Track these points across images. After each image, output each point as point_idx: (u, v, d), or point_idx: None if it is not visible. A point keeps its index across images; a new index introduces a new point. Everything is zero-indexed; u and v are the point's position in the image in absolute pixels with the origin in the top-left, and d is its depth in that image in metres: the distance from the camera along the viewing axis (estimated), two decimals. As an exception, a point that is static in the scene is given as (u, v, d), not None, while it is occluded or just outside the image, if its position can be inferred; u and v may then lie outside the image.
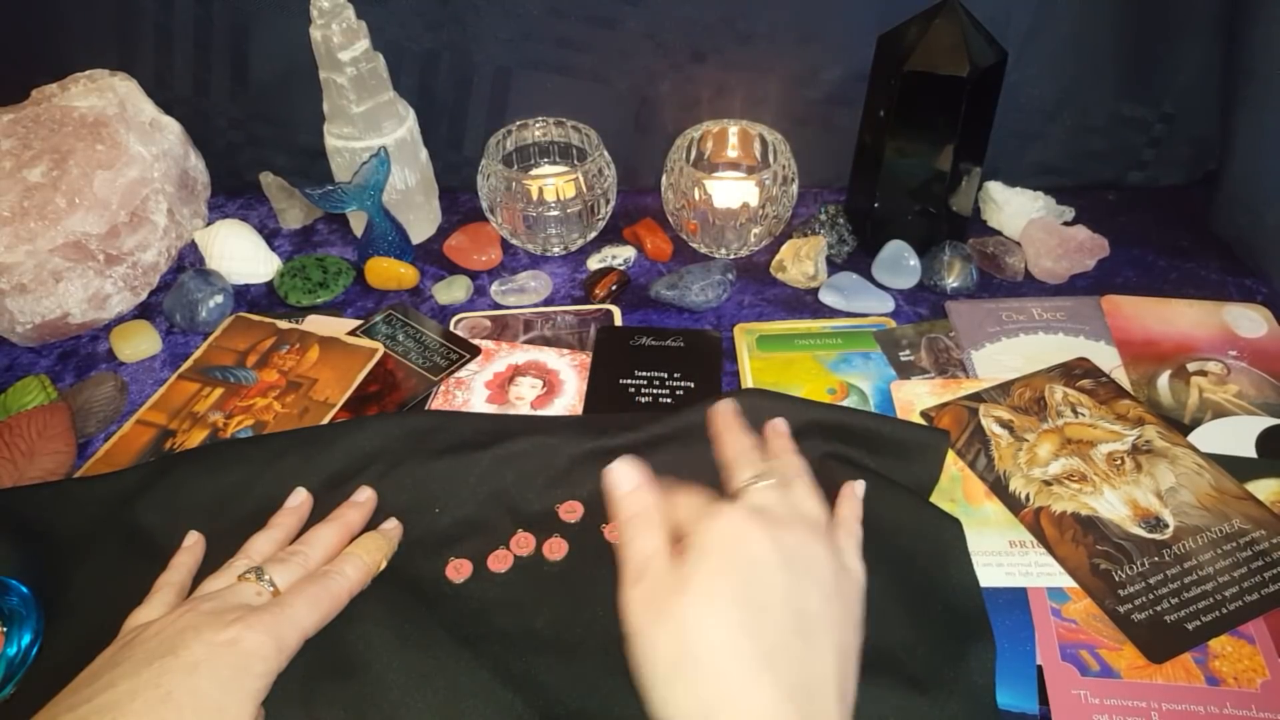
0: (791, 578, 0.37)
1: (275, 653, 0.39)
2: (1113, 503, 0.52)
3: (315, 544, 0.46)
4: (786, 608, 0.36)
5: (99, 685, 0.37)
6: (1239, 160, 0.72)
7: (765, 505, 0.40)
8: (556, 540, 0.49)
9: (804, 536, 0.39)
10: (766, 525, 0.39)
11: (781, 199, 0.71)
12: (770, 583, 0.37)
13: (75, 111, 0.72)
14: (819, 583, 0.38)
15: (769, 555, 0.37)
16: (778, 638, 0.35)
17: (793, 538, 0.39)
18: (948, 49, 0.62)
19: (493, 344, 0.66)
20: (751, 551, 0.37)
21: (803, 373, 0.63)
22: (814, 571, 0.38)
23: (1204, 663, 0.45)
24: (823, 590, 0.38)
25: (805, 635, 0.36)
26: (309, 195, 0.70)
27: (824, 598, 0.38)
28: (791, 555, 0.38)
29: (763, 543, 0.38)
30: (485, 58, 0.78)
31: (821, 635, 0.36)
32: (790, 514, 0.40)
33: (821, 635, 0.36)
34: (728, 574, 0.37)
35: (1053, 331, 0.65)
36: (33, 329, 0.68)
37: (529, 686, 0.42)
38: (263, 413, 0.60)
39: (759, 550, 0.37)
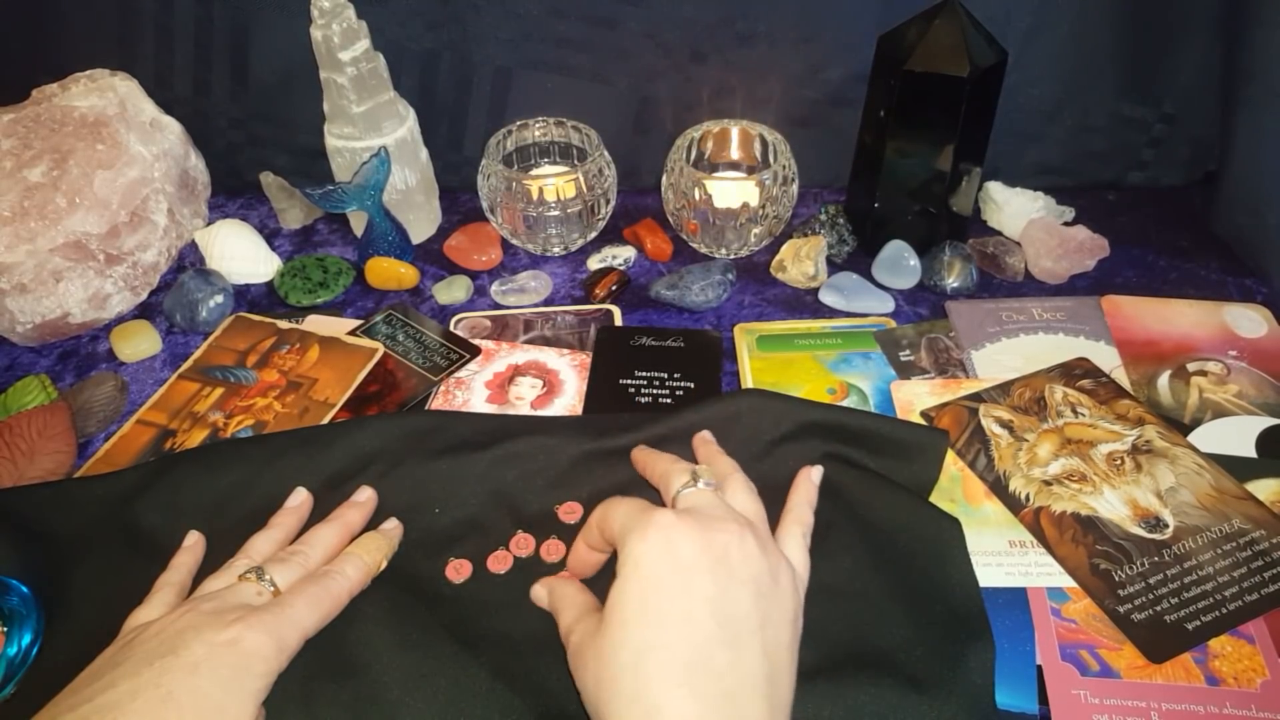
0: (720, 581, 0.37)
1: (276, 653, 0.39)
2: (1113, 503, 0.52)
3: (315, 544, 0.46)
4: (713, 615, 0.36)
5: (99, 685, 0.37)
6: (1239, 160, 0.72)
7: (697, 505, 0.41)
8: (555, 541, 0.49)
9: (734, 534, 0.39)
10: (697, 526, 0.39)
11: (781, 199, 0.71)
12: (695, 590, 0.37)
13: (75, 111, 0.72)
14: (749, 581, 0.38)
15: (698, 559, 0.37)
16: (699, 649, 0.35)
17: (722, 536, 0.39)
18: (948, 49, 0.62)
19: (493, 344, 0.66)
20: (680, 556, 0.37)
21: (803, 373, 0.63)
22: (745, 570, 0.38)
23: (1204, 663, 0.45)
24: (754, 588, 0.38)
25: (731, 642, 0.36)
26: (309, 195, 0.70)
27: (755, 596, 0.37)
28: (721, 555, 0.38)
29: (693, 545, 0.38)
30: (485, 58, 0.78)
31: (748, 638, 0.36)
32: (723, 512, 0.41)
33: (748, 638, 0.36)
34: (649, 588, 0.37)
35: (1053, 331, 0.65)
36: (33, 329, 0.68)
37: (529, 687, 0.42)
38: (263, 413, 0.60)
39: (687, 554, 0.38)
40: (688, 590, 0.37)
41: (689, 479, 0.43)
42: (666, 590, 0.37)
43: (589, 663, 0.37)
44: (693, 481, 0.43)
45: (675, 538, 0.38)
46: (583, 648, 0.38)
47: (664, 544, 0.38)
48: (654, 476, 0.46)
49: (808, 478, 0.48)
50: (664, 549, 0.38)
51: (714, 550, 0.38)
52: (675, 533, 0.38)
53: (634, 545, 0.38)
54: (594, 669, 0.36)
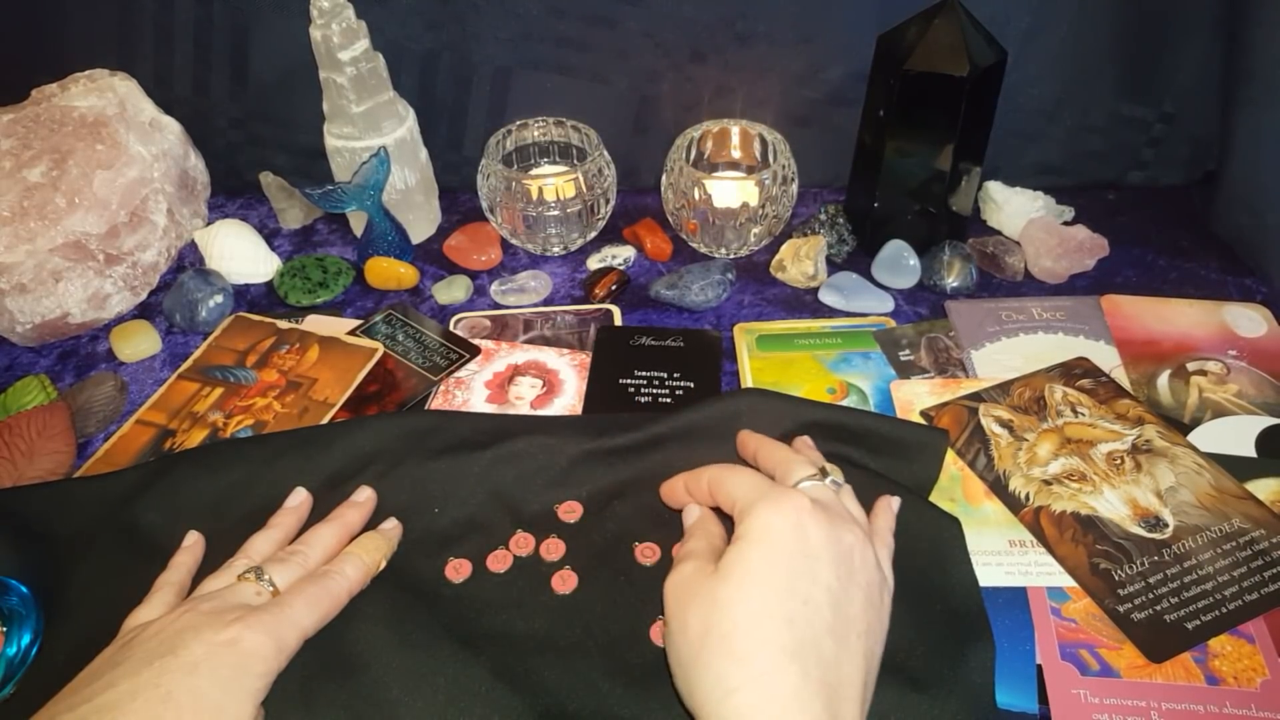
0: (841, 576, 0.37)
1: (275, 653, 0.39)
2: (1112, 502, 0.52)
3: (314, 544, 0.46)
4: (830, 605, 0.36)
5: (99, 685, 0.37)
6: (1239, 160, 0.72)
7: (824, 500, 0.40)
8: (555, 540, 0.49)
9: (860, 538, 0.39)
10: (827, 518, 0.39)
11: (781, 199, 0.71)
12: (820, 577, 0.37)
13: (75, 111, 0.72)
14: (864, 586, 0.38)
15: (825, 549, 0.37)
16: (813, 633, 0.35)
17: (850, 536, 0.39)
18: (947, 49, 0.62)
19: (492, 344, 0.66)
20: (809, 541, 0.37)
21: (802, 372, 0.63)
22: (862, 575, 0.38)
23: (1204, 662, 0.45)
24: (866, 595, 0.38)
25: (841, 637, 0.36)
26: (309, 195, 0.70)
27: (865, 603, 0.38)
28: (846, 554, 0.38)
29: (821, 534, 0.38)
30: (485, 57, 0.78)
31: (855, 640, 0.36)
32: (849, 514, 0.41)
33: (855, 640, 0.36)
34: (778, 560, 0.37)
35: (1052, 331, 0.65)
36: (32, 329, 0.68)
37: (529, 686, 0.42)
38: (262, 412, 0.60)
39: (816, 541, 0.38)
40: (813, 574, 0.37)
41: (815, 472, 0.42)
42: (794, 568, 0.37)
43: (699, 603, 0.36)
44: (820, 476, 0.42)
45: (807, 521, 0.38)
46: (695, 584, 0.37)
47: (796, 522, 0.38)
48: (767, 462, 0.45)
49: (888, 506, 0.47)
50: (795, 527, 0.38)
51: (840, 546, 0.38)
52: (808, 516, 0.38)
53: (766, 514, 0.38)
54: (704, 613, 0.36)
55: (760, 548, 0.37)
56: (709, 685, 0.35)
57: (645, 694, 0.42)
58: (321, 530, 0.47)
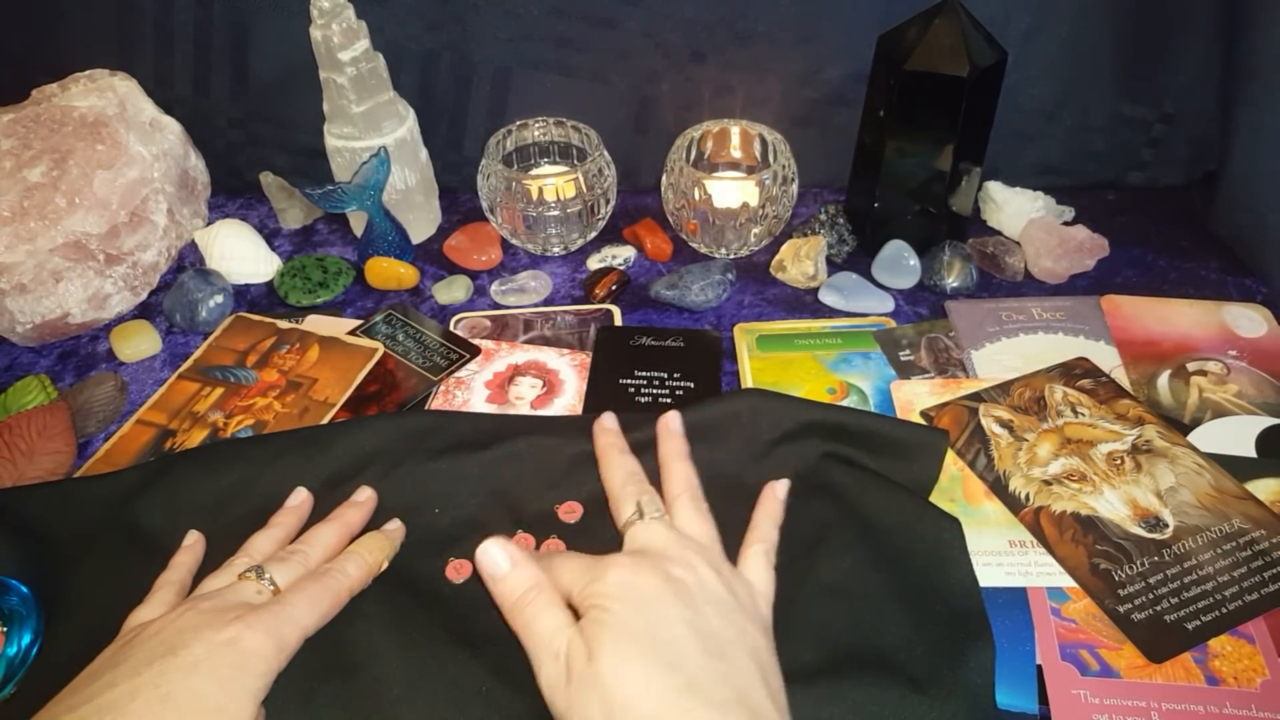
0: (686, 605, 0.38)
1: (275, 652, 0.39)
2: (1112, 502, 0.52)
3: (315, 543, 0.46)
4: (693, 634, 0.37)
5: (99, 685, 0.37)
6: (1239, 160, 0.72)
7: (648, 543, 0.42)
8: (555, 541, 0.49)
9: (689, 563, 0.41)
10: (652, 564, 0.40)
11: (781, 199, 0.71)
12: (669, 616, 0.38)
13: (75, 111, 0.72)
14: (712, 602, 0.39)
15: (661, 591, 0.39)
16: (694, 663, 0.36)
17: (677, 569, 0.40)
18: (947, 49, 0.62)
19: (492, 344, 0.66)
20: (644, 593, 0.39)
21: (803, 373, 0.63)
22: (704, 593, 0.39)
23: (1204, 662, 0.45)
24: (718, 608, 0.39)
25: (718, 654, 0.37)
26: (309, 195, 0.70)
27: (722, 614, 0.39)
28: (680, 586, 0.39)
29: (652, 581, 0.39)
30: (485, 58, 0.78)
31: (731, 647, 0.37)
32: (672, 544, 0.42)
33: (731, 647, 0.37)
34: (629, 622, 0.38)
35: (1052, 331, 0.65)
36: (33, 329, 0.68)
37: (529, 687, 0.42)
38: (263, 412, 0.60)
39: (650, 589, 0.39)
40: (663, 617, 0.38)
41: (634, 512, 0.44)
42: (644, 619, 0.38)
43: (588, 692, 0.36)
44: (638, 515, 0.44)
45: (633, 577, 0.39)
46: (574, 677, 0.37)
47: (626, 583, 0.39)
48: (608, 490, 0.48)
49: (773, 494, 0.49)
50: (628, 587, 0.39)
51: (672, 582, 0.39)
52: (632, 573, 0.40)
53: (597, 590, 0.39)
54: (598, 697, 0.36)
55: (609, 615, 0.38)
56: None
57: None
58: (322, 529, 0.47)
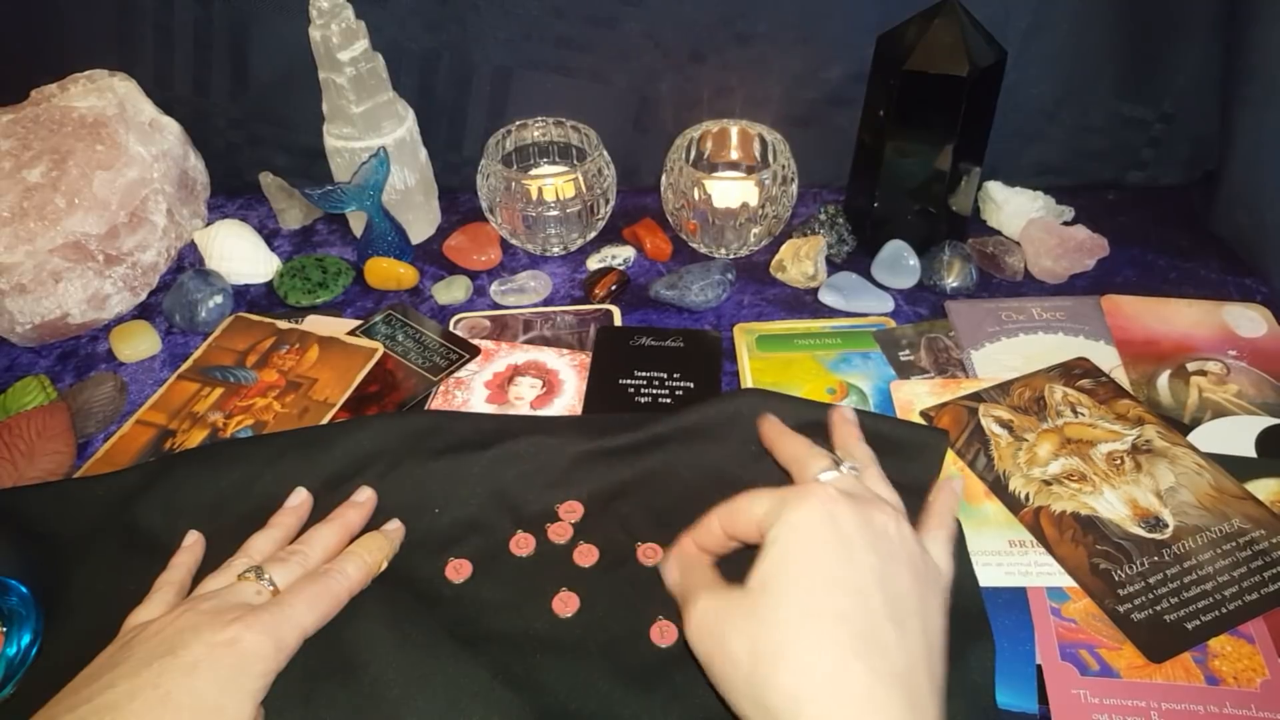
0: (883, 557, 0.36)
1: (274, 652, 0.39)
2: (1112, 502, 0.52)
3: (315, 543, 0.46)
4: (879, 589, 0.35)
5: (98, 685, 0.37)
6: (1239, 160, 0.72)
7: (847, 487, 0.40)
8: (561, 525, 0.49)
9: (892, 515, 0.38)
10: (855, 502, 0.38)
11: (781, 199, 0.71)
12: (863, 564, 0.35)
13: (75, 112, 0.72)
14: (908, 561, 0.37)
15: (860, 534, 0.36)
16: (870, 623, 0.34)
17: (881, 515, 0.38)
18: (947, 49, 0.62)
19: (492, 344, 0.66)
20: (844, 529, 0.36)
21: (802, 373, 0.63)
22: (903, 550, 0.37)
23: (1203, 662, 0.45)
24: (912, 569, 0.37)
25: (897, 620, 0.34)
26: (309, 195, 0.70)
27: (913, 577, 0.36)
28: (881, 533, 0.37)
29: (853, 519, 0.37)
30: (485, 58, 0.78)
31: (911, 618, 0.35)
32: (873, 495, 0.40)
33: (911, 618, 0.35)
34: (814, 555, 0.35)
35: (1052, 331, 0.65)
36: (32, 329, 0.68)
37: (529, 686, 0.42)
38: (262, 413, 0.60)
39: (850, 527, 0.36)
40: (853, 561, 0.35)
41: (831, 464, 0.42)
42: (832, 558, 0.35)
43: (738, 628, 0.34)
44: (835, 466, 0.42)
45: (835, 510, 0.37)
46: (724, 612, 0.35)
47: (825, 514, 0.37)
48: (786, 457, 0.44)
49: (950, 488, 0.47)
50: (825, 518, 0.36)
51: (874, 527, 0.37)
52: (835, 505, 0.37)
53: (789, 514, 0.37)
54: (749, 635, 0.34)
55: (791, 549, 0.36)
56: (777, 703, 0.32)
57: (646, 694, 0.42)
58: (322, 530, 0.47)
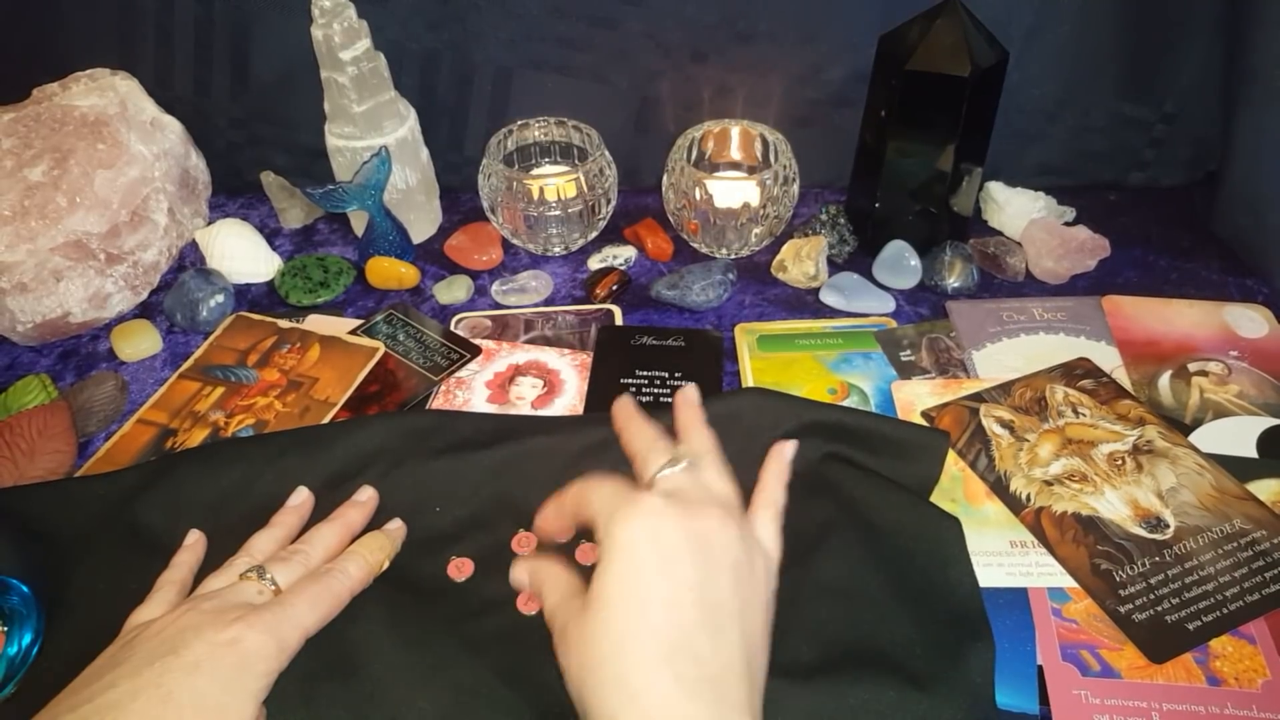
0: (702, 567, 0.37)
1: (276, 652, 0.39)
2: (1113, 503, 0.52)
3: (316, 543, 0.46)
4: (696, 601, 0.36)
5: (100, 685, 0.36)
6: (1240, 160, 0.72)
7: (677, 489, 0.41)
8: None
9: (716, 520, 0.39)
10: (681, 512, 0.39)
11: (782, 199, 0.71)
12: (681, 578, 0.37)
13: (76, 111, 0.72)
14: (729, 567, 0.38)
15: (682, 545, 0.38)
16: (682, 634, 0.35)
17: (705, 523, 0.39)
18: (949, 49, 0.62)
19: (493, 344, 0.66)
20: (665, 545, 0.38)
21: (803, 373, 0.63)
22: (725, 557, 0.38)
23: (1205, 663, 0.45)
24: (733, 575, 0.38)
25: (713, 628, 0.36)
26: (310, 195, 0.70)
27: (734, 582, 0.38)
28: (704, 542, 0.38)
29: (675, 532, 0.38)
30: (486, 57, 0.78)
31: (728, 624, 0.36)
32: (702, 496, 0.41)
33: (728, 624, 0.36)
34: (636, 574, 0.37)
35: (1054, 331, 0.65)
36: (33, 328, 0.68)
37: (530, 686, 0.42)
38: (263, 412, 0.60)
39: (671, 540, 0.38)
40: (671, 576, 0.37)
41: (667, 460, 0.43)
42: (651, 576, 0.37)
43: (573, 646, 0.37)
44: (672, 464, 0.42)
45: (659, 524, 0.38)
46: (567, 631, 0.38)
47: (649, 529, 0.38)
48: (631, 449, 0.46)
49: (780, 454, 0.48)
50: (649, 534, 0.38)
51: (696, 537, 0.38)
52: (659, 519, 0.38)
53: (618, 529, 0.38)
54: (578, 653, 0.36)
55: (616, 566, 0.37)
56: (597, 714, 0.34)
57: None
58: (323, 529, 0.47)
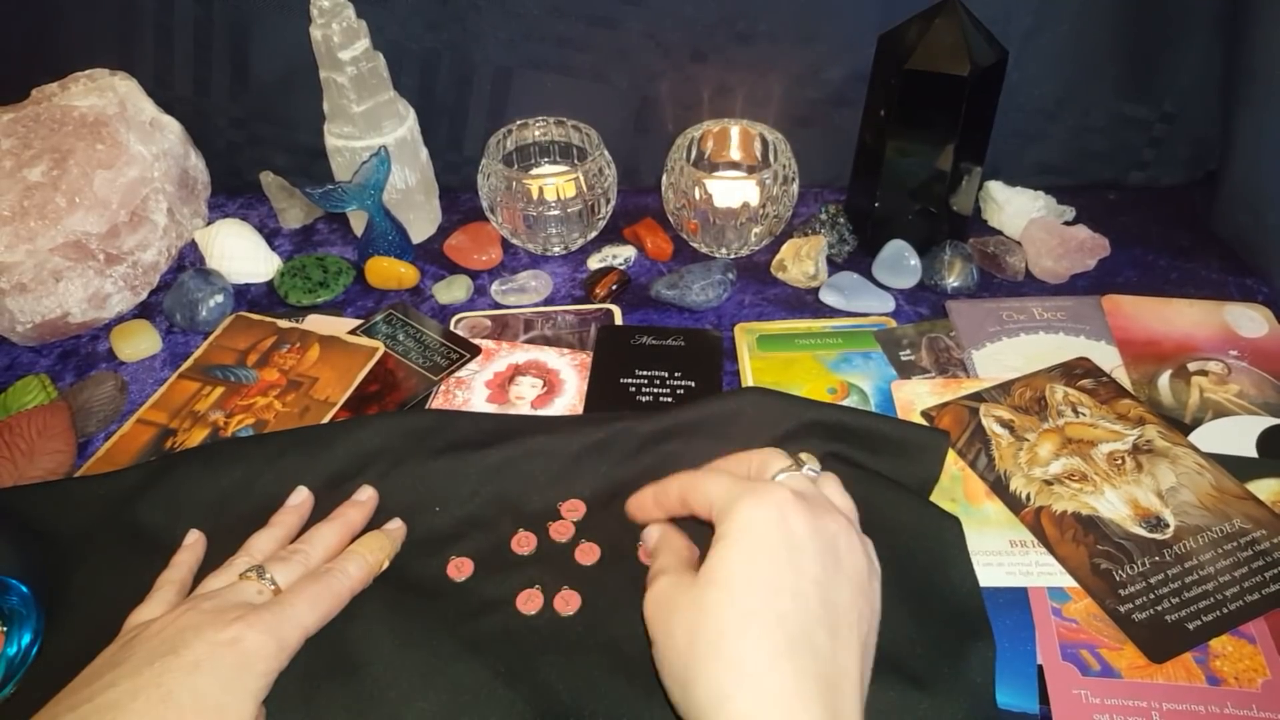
0: (828, 567, 0.36)
1: (277, 651, 0.39)
2: (1113, 502, 0.52)
3: (316, 542, 0.46)
4: (819, 597, 0.35)
5: (100, 685, 0.36)
6: (1239, 160, 0.72)
7: (801, 490, 0.40)
8: (563, 524, 0.49)
9: (842, 526, 0.39)
10: (808, 508, 0.38)
11: (782, 198, 0.71)
12: (806, 569, 0.36)
13: (75, 111, 0.72)
14: (852, 574, 0.37)
15: (809, 539, 0.37)
16: (804, 627, 0.34)
17: (832, 525, 0.38)
18: (948, 48, 0.62)
19: (493, 343, 0.66)
20: (793, 532, 0.37)
21: (803, 372, 0.63)
22: (849, 562, 0.38)
23: (1205, 662, 0.45)
24: (854, 584, 0.37)
25: (833, 629, 0.35)
26: (309, 194, 0.70)
27: (854, 591, 0.37)
28: (830, 543, 0.37)
29: (804, 525, 0.37)
30: (485, 57, 0.78)
31: (847, 631, 0.36)
32: (829, 503, 0.40)
33: (847, 631, 0.36)
34: (762, 555, 0.36)
35: (1053, 331, 0.65)
36: (33, 328, 0.68)
37: (530, 686, 0.42)
38: (263, 412, 0.60)
39: (800, 532, 0.37)
40: (798, 567, 0.36)
41: (791, 463, 0.42)
42: (779, 561, 0.36)
43: (683, 614, 0.35)
44: (796, 467, 0.42)
45: (789, 512, 0.37)
46: (676, 596, 0.36)
47: (778, 515, 0.37)
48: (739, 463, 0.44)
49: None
50: (778, 520, 0.37)
51: (824, 535, 0.37)
52: (789, 508, 0.37)
53: (745, 509, 0.37)
54: (690, 622, 0.35)
55: (742, 545, 0.36)
56: (703, 695, 0.34)
57: (647, 693, 0.42)
58: (323, 529, 0.47)
